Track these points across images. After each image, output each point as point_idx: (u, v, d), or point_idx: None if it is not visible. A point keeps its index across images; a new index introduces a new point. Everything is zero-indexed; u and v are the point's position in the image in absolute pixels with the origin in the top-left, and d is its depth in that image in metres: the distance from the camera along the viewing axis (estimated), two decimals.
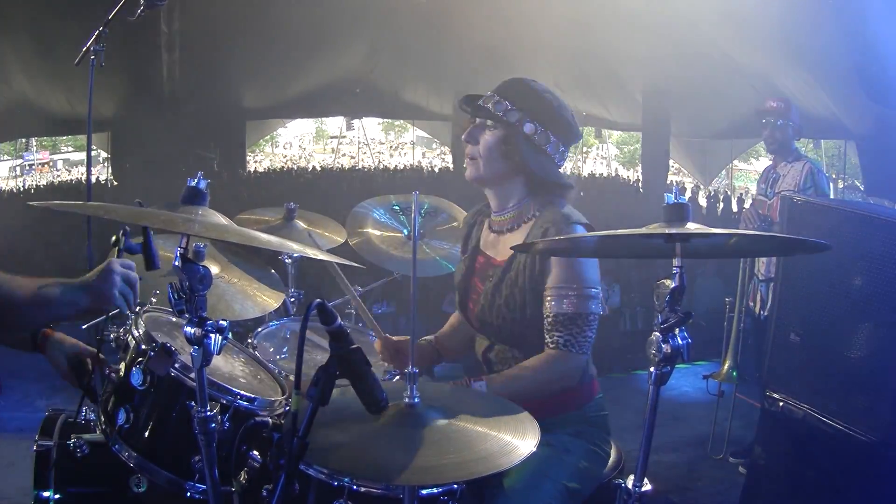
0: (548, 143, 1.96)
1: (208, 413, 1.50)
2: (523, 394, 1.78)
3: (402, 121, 25.82)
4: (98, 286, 1.67)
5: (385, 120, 26.78)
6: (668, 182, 12.64)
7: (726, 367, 4.10)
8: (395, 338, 2.20)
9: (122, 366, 1.78)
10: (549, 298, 1.89)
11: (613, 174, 20.30)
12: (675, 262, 1.43)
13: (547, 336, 1.90)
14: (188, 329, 1.43)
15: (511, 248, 1.90)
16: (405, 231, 3.05)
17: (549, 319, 1.89)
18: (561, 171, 2.04)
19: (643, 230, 1.44)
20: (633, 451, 1.58)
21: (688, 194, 13.10)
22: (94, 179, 12.66)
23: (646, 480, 1.52)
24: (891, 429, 2.45)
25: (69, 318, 1.75)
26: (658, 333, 1.42)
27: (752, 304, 4.14)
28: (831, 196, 4.11)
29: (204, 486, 1.66)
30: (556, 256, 1.92)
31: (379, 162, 23.70)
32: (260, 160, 25.09)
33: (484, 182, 2.04)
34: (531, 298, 1.93)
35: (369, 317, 2.27)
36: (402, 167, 20.60)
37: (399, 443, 1.33)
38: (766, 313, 3.93)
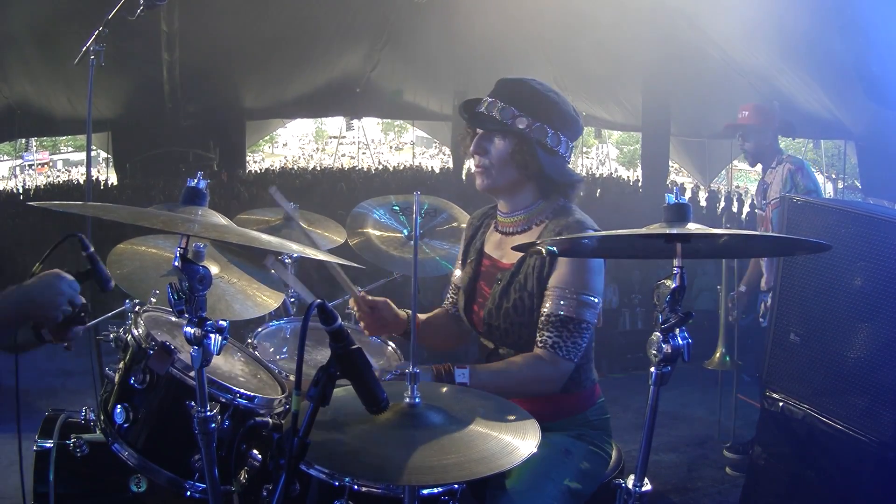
0: (559, 145, 1.93)
1: (208, 412, 1.51)
2: (504, 389, 1.76)
3: (401, 121, 25.84)
4: (42, 296, 1.58)
5: (385, 120, 26.81)
6: (668, 182, 12.63)
7: (718, 354, 4.12)
8: (371, 297, 2.11)
9: (122, 365, 1.78)
10: (548, 297, 1.89)
11: (609, 174, 20.32)
12: (676, 262, 1.43)
13: (537, 334, 1.89)
14: (188, 329, 1.43)
15: (512, 248, 1.90)
16: (405, 231, 3.05)
17: (543, 318, 1.88)
18: (569, 165, 2.01)
19: (643, 230, 1.43)
20: (633, 451, 1.58)
21: (687, 194, 13.12)
22: (93, 179, 12.68)
23: (646, 480, 1.52)
24: (891, 429, 2.45)
25: (10, 326, 1.64)
26: (658, 333, 1.42)
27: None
28: (821, 190, 4.01)
29: (204, 486, 1.66)
30: (558, 256, 1.91)
31: (379, 162, 23.72)
32: (260, 160, 25.11)
33: (498, 191, 2.01)
34: (539, 303, 1.91)
35: (345, 278, 2.14)
36: (402, 167, 20.60)
37: (399, 443, 1.33)
38: (766, 322, 3.95)
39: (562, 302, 1.86)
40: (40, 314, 1.60)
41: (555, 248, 1.63)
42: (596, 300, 1.89)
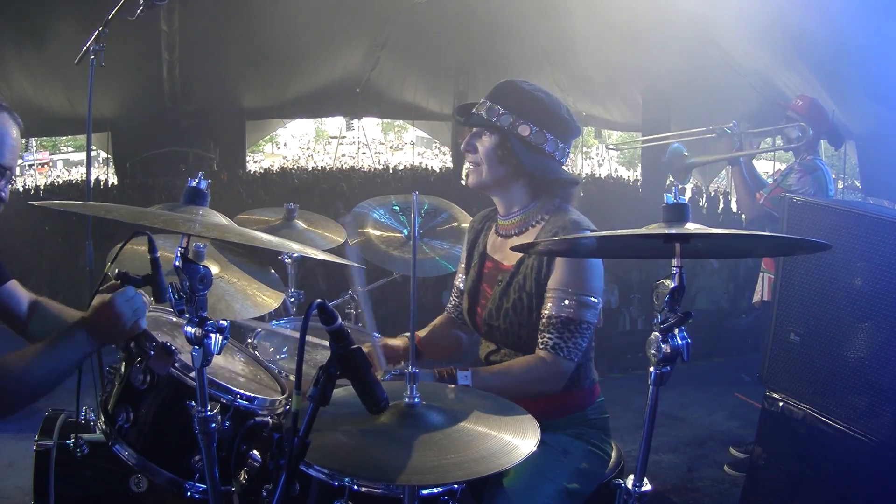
0: (545, 142, 1.96)
1: (208, 413, 1.50)
2: (506, 391, 1.76)
3: (401, 121, 25.85)
4: (106, 332, 1.58)
5: (385, 120, 26.82)
6: (668, 182, 12.64)
7: None
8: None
9: (123, 365, 1.78)
10: (548, 298, 1.90)
11: (608, 175, 20.31)
12: (675, 262, 1.43)
13: (539, 336, 1.90)
14: (188, 329, 1.43)
15: (511, 249, 1.90)
16: (405, 231, 3.05)
17: (544, 320, 1.90)
18: (565, 167, 2.03)
19: (643, 230, 1.44)
20: (633, 451, 1.58)
21: (688, 195, 13.11)
22: (93, 179, 12.68)
23: (646, 480, 1.52)
24: (891, 429, 2.45)
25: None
26: (658, 333, 1.42)
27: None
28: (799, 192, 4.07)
29: (204, 486, 1.66)
30: (556, 257, 1.92)
31: (379, 161, 23.74)
32: (260, 160, 25.13)
33: (487, 188, 2.05)
34: (538, 303, 1.93)
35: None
36: (402, 167, 20.61)
37: (399, 443, 1.33)
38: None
39: (563, 303, 1.87)
40: (122, 340, 1.61)
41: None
42: (596, 300, 1.90)
